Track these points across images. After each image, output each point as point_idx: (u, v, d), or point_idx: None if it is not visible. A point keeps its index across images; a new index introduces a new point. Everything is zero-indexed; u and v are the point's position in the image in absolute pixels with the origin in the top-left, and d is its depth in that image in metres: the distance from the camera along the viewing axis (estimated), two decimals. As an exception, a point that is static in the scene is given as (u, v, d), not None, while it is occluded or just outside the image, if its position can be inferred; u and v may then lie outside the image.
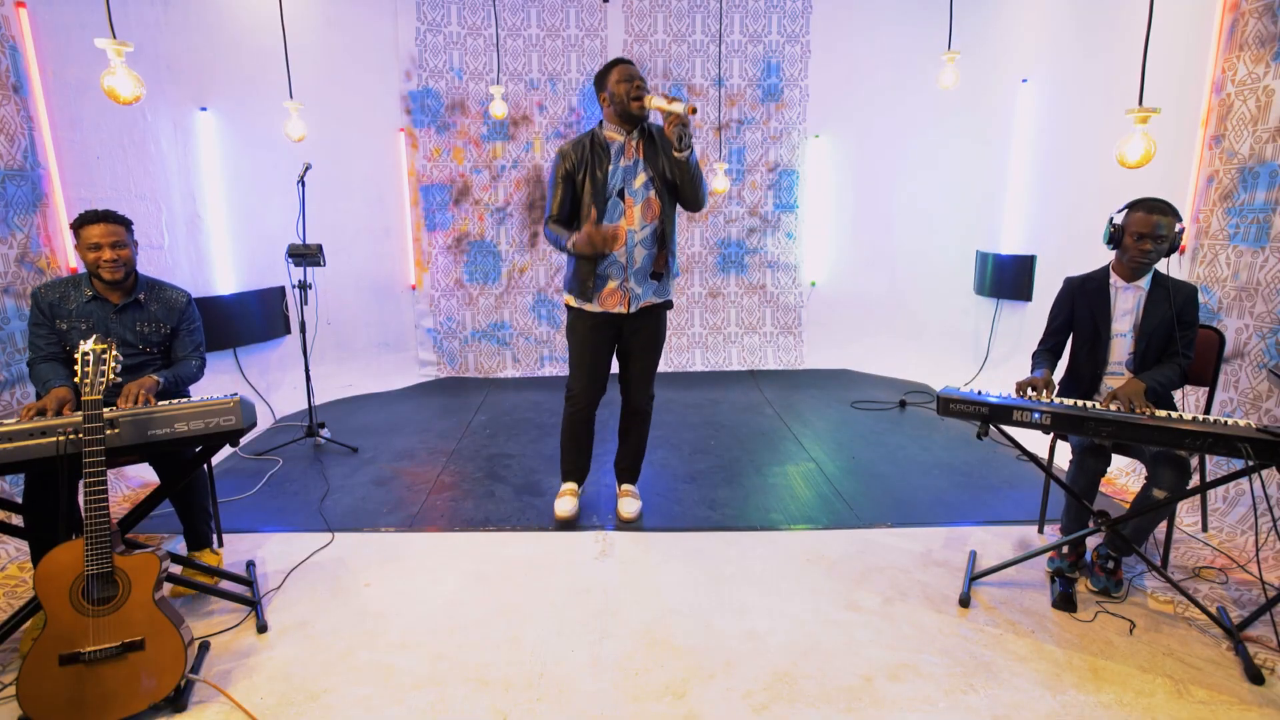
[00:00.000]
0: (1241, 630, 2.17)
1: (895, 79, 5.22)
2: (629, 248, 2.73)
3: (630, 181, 2.72)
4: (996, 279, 4.76)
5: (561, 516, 2.97)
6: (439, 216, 5.28)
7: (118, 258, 2.43)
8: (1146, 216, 2.40)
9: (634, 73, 2.69)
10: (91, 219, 2.42)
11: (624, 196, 2.71)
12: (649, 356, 2.93)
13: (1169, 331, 2.46)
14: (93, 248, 2.41)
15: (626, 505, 3.02)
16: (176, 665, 1.89)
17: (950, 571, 2.59)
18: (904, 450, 3.82)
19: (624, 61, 2.71)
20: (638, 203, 2.72)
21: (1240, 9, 2.91)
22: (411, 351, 5.44)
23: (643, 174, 2.72)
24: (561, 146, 2.75)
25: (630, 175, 2.72)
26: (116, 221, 2.45)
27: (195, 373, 2.61)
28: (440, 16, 5.07)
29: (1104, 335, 2.56)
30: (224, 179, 4.34)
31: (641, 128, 2.76)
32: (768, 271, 5.57)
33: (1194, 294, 2.50)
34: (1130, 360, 2.54)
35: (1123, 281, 2.54)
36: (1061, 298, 2.68)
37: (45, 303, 2.47)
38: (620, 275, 2.75)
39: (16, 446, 1.98)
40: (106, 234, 2.41)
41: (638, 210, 2.72)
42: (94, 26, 3.41)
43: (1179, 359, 2.46)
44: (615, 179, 2.70)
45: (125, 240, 2.46)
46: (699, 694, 1.97)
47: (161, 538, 2.89)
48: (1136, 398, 2.23)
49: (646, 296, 2.80)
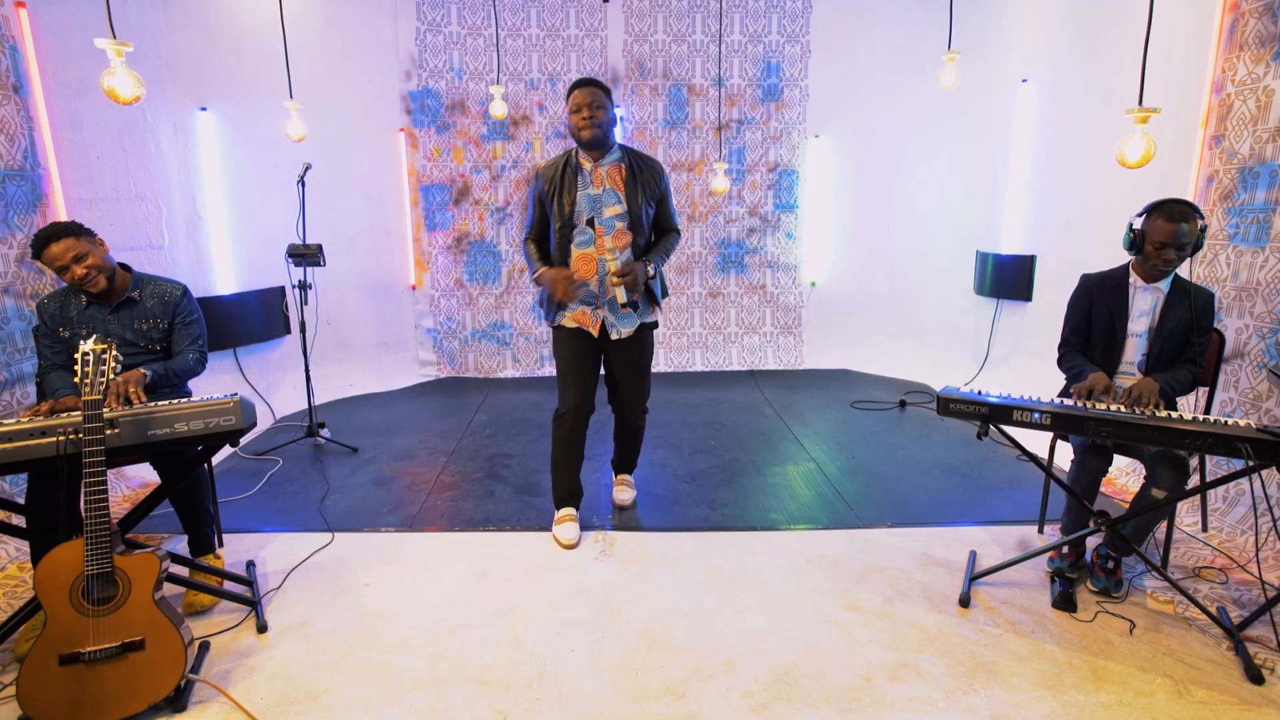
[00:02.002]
0: (1241, 630, 2.17)
1: (895, 79, 5.22)
2: (600, 276, 2.69)
3: (600, 210, 2.66)
4: (996, 279, 4.76)
5: (567, 544, 2.78)
6: (439, 216, 5.27)
7: (87, 270, 2.38)
8: (1168, 225, 2.34)
9: (583, 100, 2.57)
10: (42, 242, 2.33)
11: (594, 225, 2.66)
12: (637, 379, 2.87)
13: (1184, 336, 2.44)
14: (61, 270, 2.36)
15: (621, 493, 3.10)
16: (176, 665, 1.89)
17: (950, 571, 2.59)
18: (904, 450, 3.82)
19: (581, 85, 2.60)
20: (608, 232, 2.67)
21: (1240, 9, 2.91)
22: (411, 351, 5.44)
23: (616, 205, 2.66)
24: (539, 165, 2.70)
25: (599, 204, 2.66)
26: (64, 235, 2.34)
27: (193, 366, 2.59)
28: (440, 16, 5.07)
29: (1119, 335, 2.54)
30: (224, 179, 4.35)
31: (619, 154, 2.69)
32: (768, 271, 5.57)
33: (1211, 300, 2.47)
34: (1143, 361, 2.52)
35: (1142, 282, 2.51)
36: (1079, 295, 2.64)
37: (47, 314, 2.48)
38: (592, 302, 2.72)
39: (17, 446, 1.98)
40: (65, 250, 2.33)
41: (608, 240, 2.67)
42: (94, 26, 3.41)
43: (1192, 366, 2.44)
44: (582, 206, 2.65)
45: (86, 249, 2.38)
46: (699, 694, 1.97)
47: (161, 538, 2.89)
48: (1151, 395, 2.22)
49: (625, 326, 2.75)
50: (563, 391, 2.82)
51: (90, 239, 2.43)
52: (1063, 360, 2.64)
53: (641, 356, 2.84)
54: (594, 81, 2.61)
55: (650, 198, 2.71)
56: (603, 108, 2.59)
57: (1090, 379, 2.36)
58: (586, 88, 2.59)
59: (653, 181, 2.71)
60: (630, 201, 2.66)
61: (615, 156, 2.69)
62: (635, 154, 2.74)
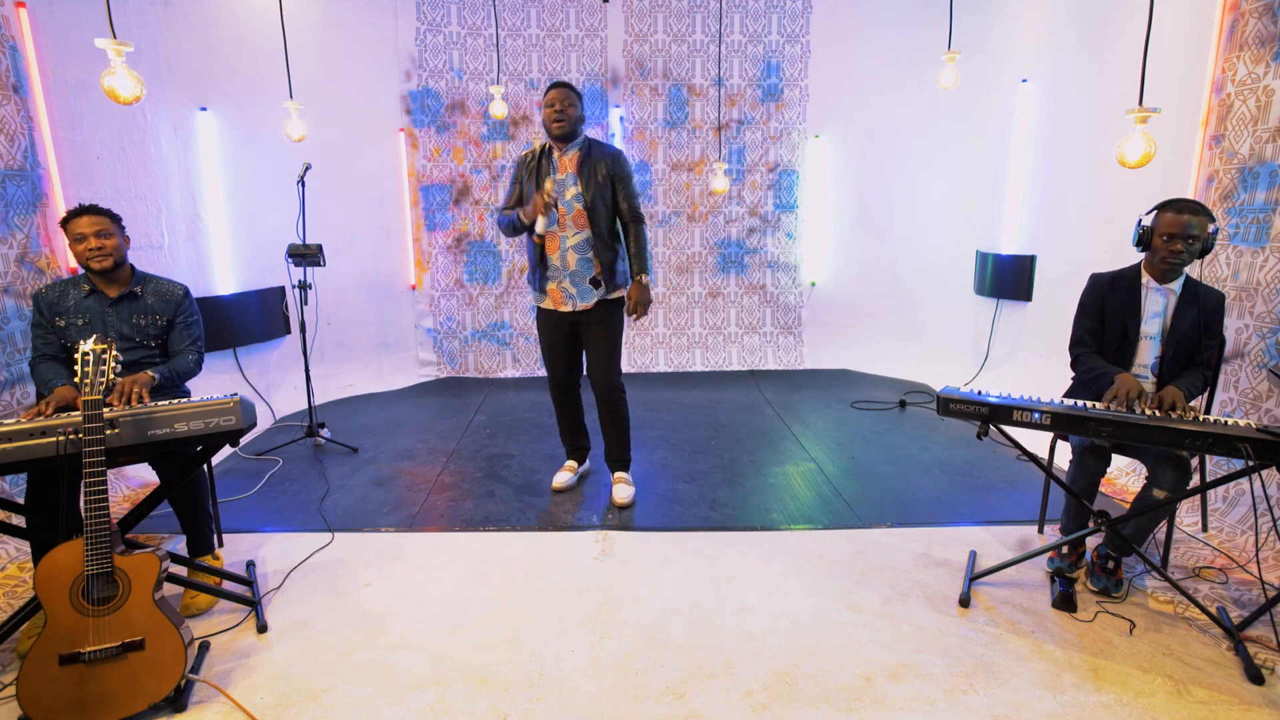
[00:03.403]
0: (1241, 630, 2.17)
1: (895, 79, 5.22)
2: (561, 252, 2.99)
3: (562, 193, 2.96)
4: (996, 279, 4.76)
5: (555, 486, 3.28)
6: (439, 216, 5.27)
7: (103, 246, 2.45)
8: (1177, 217, 2.34)
9: (556, 98, 2.90)
10: (78, 212, 2.45)
11: (557, 206, 2.95)
12: (602, 347, 3.08)
13: (1196, 339, 2.42)
14: (78, 239, 2.44)
15: (619, 491, 3.15)
16: (176, 665, 1.89)
17: (950, 571, 2.59)
18: (904, 450, 3.82)
19: (556, 86, 2.93)
20: (569, 213, 2.96)
21: (1240, 9, 2.91)
22: (411, 351, 5.44)
23: (573, 187, 2.96)
24: (521, 153, 3.10)
25: (562, 187, 2.96)
26: (102, 213, 2.47)
27: (192, 367, 2.60)
28: (440, 16, 5.07)
29: (1132, 336, 2.50)
30: (224, 179, 4.34)
31: (580, 143, 2.99)
32: (768, 271, 5.57)
33: (1222, 302, 2.46)
34: (1156, 364, 2.49)
35: (1155, 282, 2.48)
36: (1091, 294, 2.59)
37: (45, 302, 2.49)
38: (557, 277, 3.01)
39: (17, 446, 1.98)
40: (92, 224, 2.44)
41: (570, 219, 2.97)
42: (94, 26, 3.42)
43: (1204, 369, 2.43)
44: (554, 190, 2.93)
45: (111, 230, 2.48)
46: (699, 694, 1.97)
47: (161, 538, 2.89)
48: (1179, 401, 2.21)
49: (585, 300, 3.01)
50: (547, 368, 3.26)
51: (119, 227, 2.54)
52: (1078, 361, 2.58)
53: (605, 328, 3.07)
54: (567, 85, 2.97)
55: (603, 180, 2.96)
56: (573, 106, 2.92)
57: (1118, 382, 2.29)
58: (560, 89, 2.93)
59: (605, 166, 2.98)
60: (586, 183, 2.94)
61: (577, 145, 3.00)
62: (595, 143, 3.04)
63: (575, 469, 3.37)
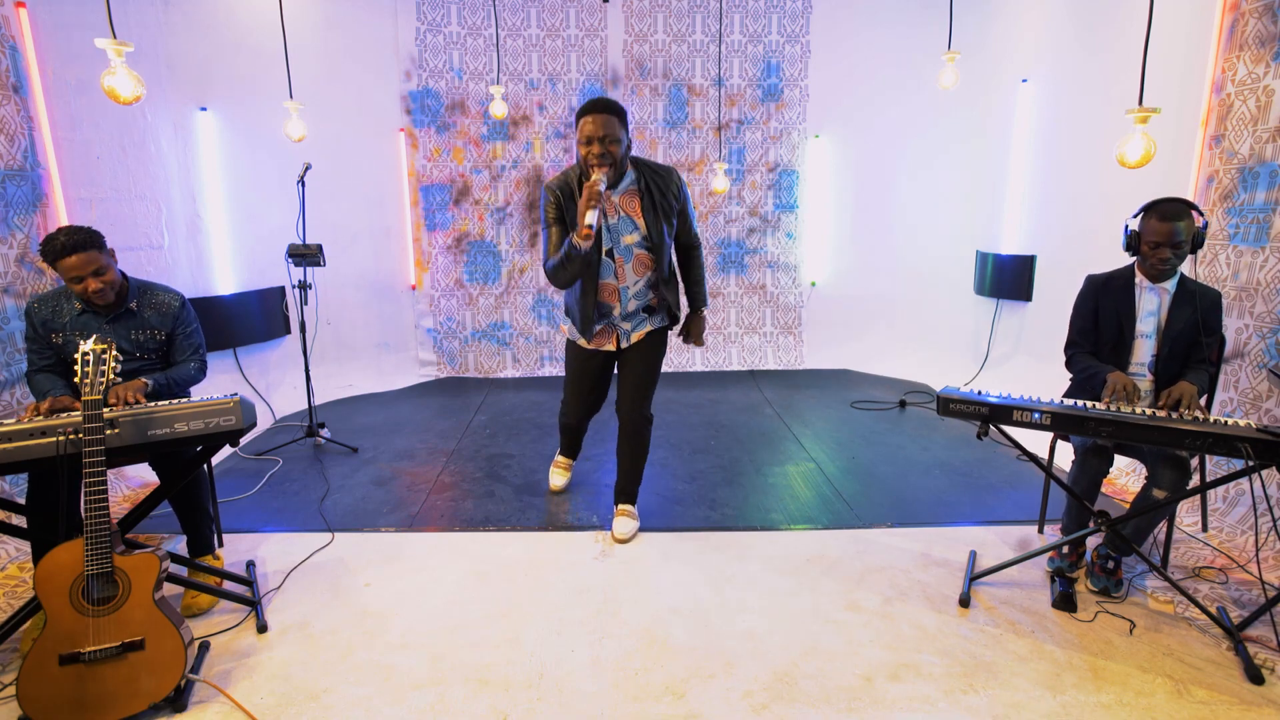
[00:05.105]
0: (1241, 630, 2.17)
1: (895, 79, 5.22)
2: (623, 302, 2.66)
3: (618, 240, 2.57)
4: (996, 279, 4.76)
5: (553, 489, 3.28)
6: (439, 216, 5.27)
7: (103, 285, 2.33)
8: (1162, 225, 2.33)
9: (595, 132, 2.34)
10: (62, 251, 2.24)
11: (613, 256, 2.58)
12: (640, 369, 2.77)
13: (1192, 337, 2.42)
14: (74, 280, 2.30)
15: (621, 525, 2.85)
16: (176, 665, 1.89)
17: (950, 571, 2.59)
18: (904, 450, 3.82)
19: (593, 110, 2.37)
20: (628, 261, 2.60)
21: (1240, 9, 2.91)
22: (411, 351, 5.44)
23: (633, 234, 2.57)
24: (549, 183, 2.54)
25: (616, 233, 2.57)
26: (88, 247, 2.28)
27: (194, 375, 2.58)
28: (440, 16, 5.07)
29: (1128, 336, 2.50)
30: (224, 179, 4.35)
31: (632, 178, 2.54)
32: (768, 271, 5.57)
33: (1218, 300, 2.45)
34: (1152, 363, 2.50)
35: (1148, 282, 2.48)
36: (1085, 296, 2.61)
37: (38, 319, 2.42)
38: (614, 326, 2.76)
39: (17, 446, 1.98)
40: (84, 263, 2.27)
41: (629, 268, 2.61)
42: (94, 26, 3.41)
43: (1208, 366, 2.42)
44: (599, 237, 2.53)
45: (104, 264, 2.33)
46: (699, 694, 1.97)
47: (161, 538, 2.89)
48: (1191, 398, 2.20)
49: (639, 329, 2.76)
50: (569, 400, 3.04)
51: (106, 251, 2.37)
52: (1072, 362, 2.60)
53: (649, 357, 2.79)
54: (607, 105, 2.35)
55: (669, 216, 2.60)
56: (618, 141, 2.38)
57: (1111, 380, 2.30)
58: (598, 116, 2.34)
59: (670, 198, 2.59)
60: (650, 228, 2.56)
61: (629, 181, 2.55)
62: (649, 170, 2.57)
63: (569, 465, 3.35)
